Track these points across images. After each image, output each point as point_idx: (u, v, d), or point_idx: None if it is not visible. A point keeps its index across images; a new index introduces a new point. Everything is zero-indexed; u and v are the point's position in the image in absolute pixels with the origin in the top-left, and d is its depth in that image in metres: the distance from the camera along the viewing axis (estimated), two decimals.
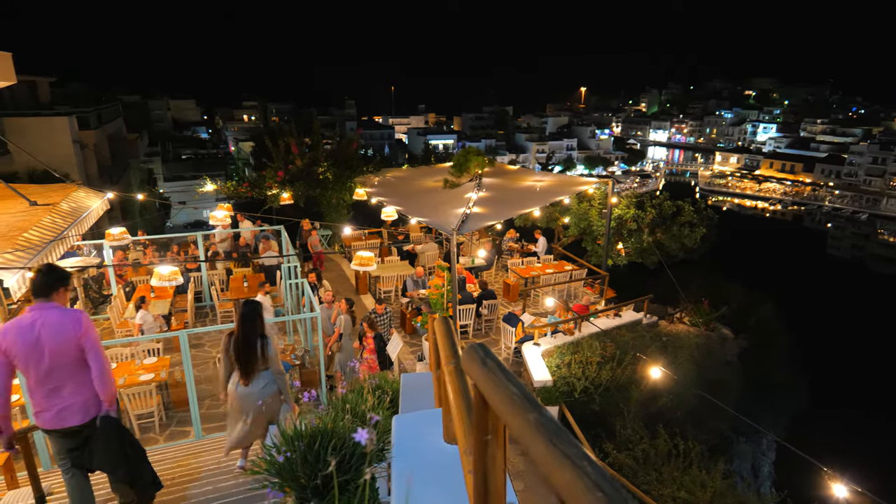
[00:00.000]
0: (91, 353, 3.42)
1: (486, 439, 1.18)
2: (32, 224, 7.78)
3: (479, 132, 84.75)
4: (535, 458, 0.91)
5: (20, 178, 16.95)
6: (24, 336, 3.30)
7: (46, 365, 3.34)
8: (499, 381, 1.07)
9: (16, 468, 6.12)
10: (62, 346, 3.34)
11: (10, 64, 9.34)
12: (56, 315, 3.36)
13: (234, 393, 4.18)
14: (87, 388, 3.47)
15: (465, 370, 1.23)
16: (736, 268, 24.21)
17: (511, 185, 12.11)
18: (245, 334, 4.09)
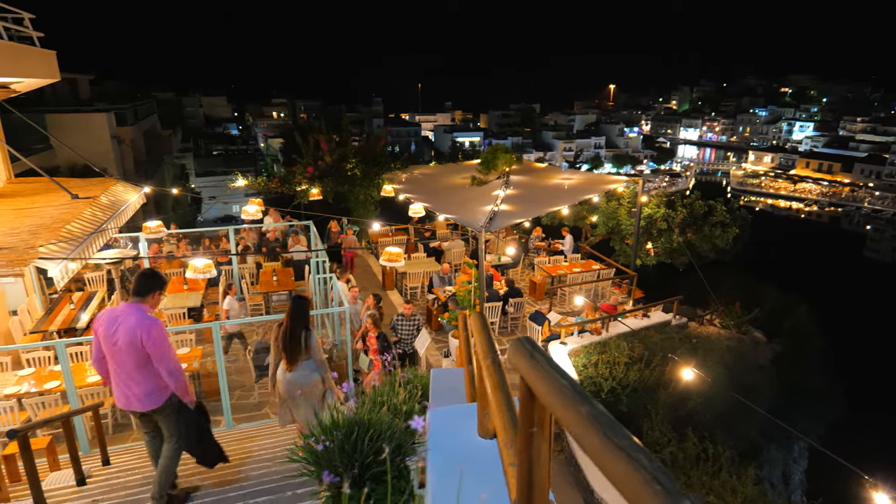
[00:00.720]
0: (156, 360, 3.77)
1: (531, 432, 1.18)
2: (74, 216, 8.05)
3: (506, 130, 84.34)
4: (588, 450, 0.90)
5: (61, 172, 17.56)
6: (107, 326, 3.75)
7: (118, 356, 3.75)
8: (548, 374, 1.07)
9: (58, 451, 6.36)
10: (130, 346, 3.71)
11: (55, 62, 9.68)
12: (135, 319, 3.72)
13: (281, 378, 4.63)
14: (149, 382, 3.83)
15: (512, 363, 1.23)
16: (769, 270, 23.60)
17: (539, 183, 12.04)
18: (292, 326, 4.54)
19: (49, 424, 6.22)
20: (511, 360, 1.22)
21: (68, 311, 9.89)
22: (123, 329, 3.68)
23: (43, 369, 7.87)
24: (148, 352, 3.72)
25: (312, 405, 4.66)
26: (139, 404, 3.84)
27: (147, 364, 3.77)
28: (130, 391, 3.82)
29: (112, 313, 3.78)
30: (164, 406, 3.90)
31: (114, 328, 3.71)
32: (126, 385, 3.81)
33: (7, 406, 6.75)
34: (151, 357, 3.74)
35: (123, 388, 3.83)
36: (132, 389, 3.81)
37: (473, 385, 3.20)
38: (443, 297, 10.93)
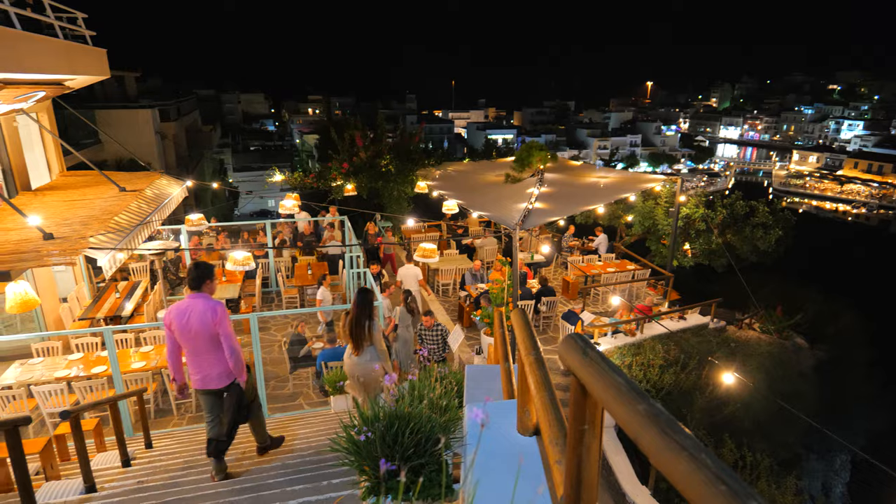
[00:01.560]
0: (223, 338, 4.25)
1: (582, 429, 1.17)
2: (122, 209, 8.35)
3: (539, 127, 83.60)
4: (647, 449, 0.89)
5: (109, 165, 18.23)
6: (179, 318, 4.21)
7: (194, 342, 4.23)
8: (602, 371, 1.06)
9: (104, 433, 6.63)
10: (203, 329, 4.17)
11: (105, 60, 10.05)
12: (202, 304, 4.20)
13: (347, 361, 5.15)
14: (222, 363, 4.33)
15: (563, 360, 1.22)
16: (813, 274, 22.76)
17: (574, 181, 11.90)
18: (357, 315, 5.02)
19: (96, 407, 6.48)
20: (563, 357, 1.21)
21: (114, 300, 10.27)
22: (195, 316, 4.15)
23: (90, 354, 8.20)
24: (217, 331, 4.18)
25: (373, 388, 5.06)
26: (216, 382, 4.35)
27: (219, 346, 4.25)
28: (208, 372, 4.32)
29: (180, 306, 4.22)
30: (232, 384, 4.44)
31: (185, 318, 4.17)
32: (204, 367, 4.31)
33: (58, 388, 7.05)
34: (220, 336, 4.20)
35: (202, 370, 4.33)
36: (209, 371, 4.31)
37: (510, 382, 3.19)
38: (474, 294, 10.92)
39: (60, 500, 4.34)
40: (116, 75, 25.27)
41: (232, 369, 4.35)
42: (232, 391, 4.43)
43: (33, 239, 6.63)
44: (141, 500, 4.15)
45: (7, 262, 6.04)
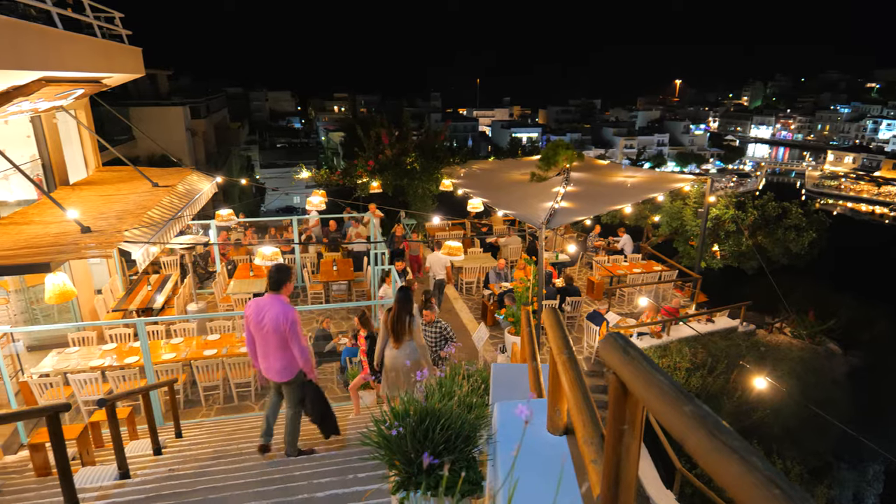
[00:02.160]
0: (292, 341, 4.61)
1: (622, 429, 1.16)
2: (154, 203, 8.56)
3: (565, 126, 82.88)
4: (693, 450, 0.88)
5: (141, 161, 18.69)
6: (257, 313, 4.60)
7: (264, 338, 4.60)
8: (646, 371, 1.05)
9: (137, 422, 6.81)
10: (275, 329, 4.54)
11: (141, 59, 10.29)
12: (278, 306, 4.55)
13: (388, 355, 5.45)
14: (286, 359, 4.68)
15: (604, 359, 1.21)
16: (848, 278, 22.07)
17: (600, 181, 11.76)
18: (399, 311, 5.34)
19: (129, 396, 6.66)
20: (604, 356, 1.20)
21: (146, 293, 10.54)
22: (269, 316, 4.52)
23: (123, 345, 8.43)
24: (287, 334, 4.55)
25: (410, 382, 5.21)
26: (277, 376, 4.73)
27: (286, 344, 4.61)
28: (272, 365, 4.69)
29: (259, 303, 4.62)
30: (292, 380, 4.77)
31: (261, 315, 4.56)
32: (270, 360, 4.69)
33: (92, 377, 7.27)
34: (289, 339, 4.56)
35: (267, 363, 4.72)
36: (274, 364, 4.68)
37: (538, 380, 3.18)
38: (498, 293, 10.90)
39: (96, 484, 4.48)
40: (150, 73, 25.89)
41: (302, 367, 4.77)
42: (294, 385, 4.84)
43: (71, 232, 6.84)
44: (172, 487, 4.26)
45: (47, 254, 6.24)
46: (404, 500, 2.14)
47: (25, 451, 6.73)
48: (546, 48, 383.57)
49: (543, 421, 2.30)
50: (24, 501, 4.18)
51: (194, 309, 10.42)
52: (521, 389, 3.60)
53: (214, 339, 8.52)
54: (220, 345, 8.33)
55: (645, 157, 69.66)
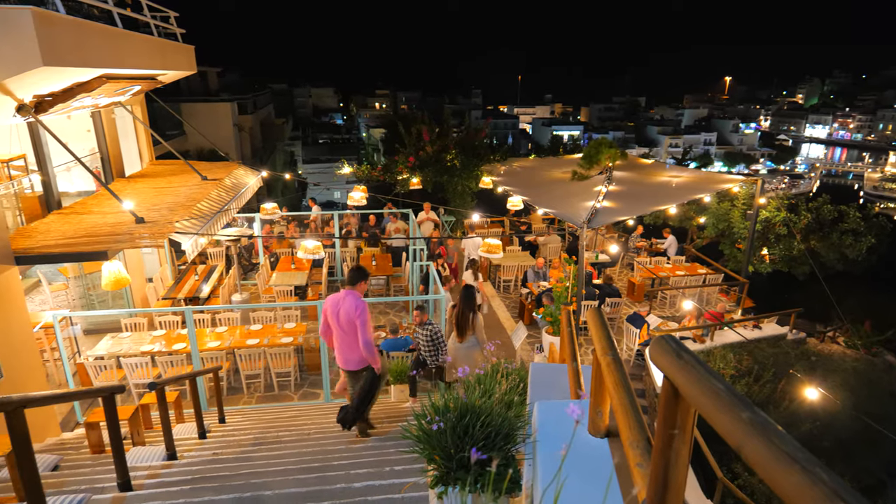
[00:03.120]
0: (359, 330, 4.94)
1: (671, 433, 1.14)
2: (203, 196, 8.85)
3: (607, 124, 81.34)
4: (752, 459, 0.85)
5: (191, 155, 19.37)
6: (334, 306, 5.02)
7: (340, 329, 5.00)
8: (701, 376, 1.02)
9: (183, 405, 7.08)
10: (348, 320, 4.92)
11: (193, 56, 10.65)
12: (351, 300, 4.96)
13: (453, 347, 5.93)
14: (360, 351, 5.03)
15: (655, 362, 1.19)
16: None
17: (644, 180, 11.49)
18: (463, 308, 5.79)
19: (176, 381, 6.93)
20: (654, 359, 1.18)
21: (193, 282, 10.93)
22: (344, 309, 4.93)
23: (172, 332, 8.77)
24: (357, 324, 4.89)
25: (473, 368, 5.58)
26: (353, 366, 5.15)
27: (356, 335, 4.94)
28: (348, 356, 5.11)
29: (336, 297, 5.04)
30: (366, 368, 5.17)
31: (338, 308, 4.97)
32: (345, 351, 5.10)
33: (143, 362, 7.60)
34: (357, 329, 4.91)
35: (344, 353, 5.13)
36: (350, 355, 5.09)
37: (578, 381, 3.14)
38: (536, 292, 10.80)
39: (146, 464, 4.69)
40: (200, 70, 26.79)
41: (365, 356, 5.07)
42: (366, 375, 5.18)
43: (127, 222, 7.16)
44: (217, 470, 4.41)
45: (105, 242, 6.56)
46: (442, 495, 2.15)
47: (81, 428, 7.10)
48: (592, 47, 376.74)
49: (584, 422, 2.27)
50: (80, 476, 4.40)
51: (238, 299, 10.74)
52: (559, 390, 3.56)
53: (257, 329, 8.76)
54: (262, 335, 8.56)
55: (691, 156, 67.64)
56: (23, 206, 7.89)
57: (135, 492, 3.81)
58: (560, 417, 2.35)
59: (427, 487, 3.38)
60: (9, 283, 6.09)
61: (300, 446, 5.17)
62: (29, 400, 2.72)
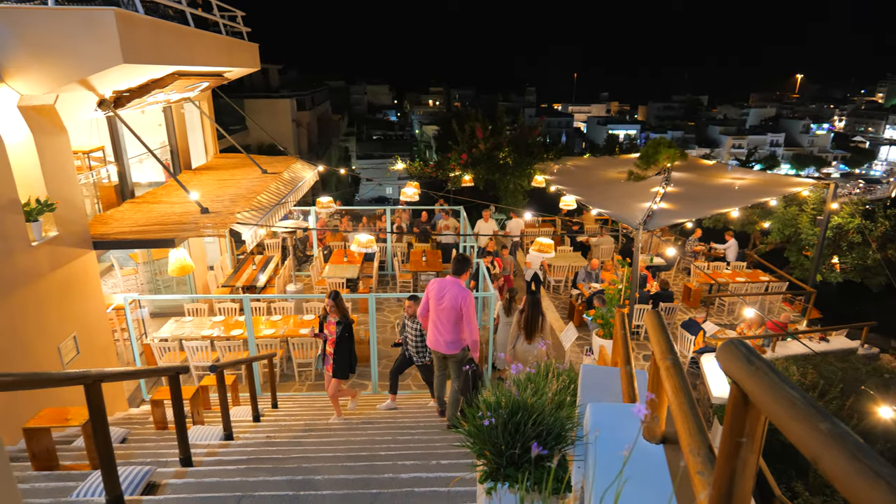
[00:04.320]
0: (465, 319, 5.23)
1: (739, 441, 1.10)
2: (263, 189, 9.18)
3: (666, 123, 78.66)
4: (829, 472, 0.81)
5: (252, 149, 20.09)
6: (438, 291, 5.27)
7: (441, 313, 5.26)
8: (774, 383, 0.98)
9: (239, 389, 7.39)
10: (452, 307, 5.19)
11: (257, 54, 11.04)
12: (457, 288, 5.23)
13: (519, 348, 6.16)
14: (454, 335, 5.30)
15: (723, 367, 1.15)
16: None
17: (704, 182, 11.07)
18: (532, 313, 6.09)
19: (234, 365, 7.23)
20: (723, 364, 1.14)
21: (251, 271, 11.36)
22: (449, 295, 5.18)
23: (230, 318, 9.15)
24: (462, 312, 5.19)
25: None
26: (445, 348, 5.36)
27: (458, 322, 5.24)
28: (442, 338, 5.33)
29: (441, 283, 5.30)
30: (457, 354, 5.39)
31: (442, 293, 5.23)
32: (440, 333, 5.33)
33: (203, 345, 7.98)
34: (464, 316, 5.20)
35: (438, 336, 5.36)
36: (443, 337, 5.32)
37: (632, 385, 3.07)
38: (587, 294, 10.61)
39: (205, 442, 4.92)
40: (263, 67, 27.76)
41: (469, 344, 5.33)
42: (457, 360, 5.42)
43: (192, 212, 7.52)
44: (270, 452, 4.58)
45: (172, 231, 6.92)
46: (491, 491, 2.15)
47: (146, 405, 7.53)
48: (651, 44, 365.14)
49: (638, 427, 2.22)
50: (146, 449, 4.68)
51: (293, 289, 11.09)
52: (611, 393, 3.49)
53: (309, 319, 9.01)
54: (315, 324, 8.79)
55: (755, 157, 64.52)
56: (100, 195, 8.43)
57: (195, 467, 4.01)
58: (614, 420, 2.31)
59: (474, 483, 3.40)
60: (87, 266, 6.52)
61: (348, 435, 5.29)
62: (105, 375, 2.92)
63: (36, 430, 4.02)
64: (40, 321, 5.58)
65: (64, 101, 6.08)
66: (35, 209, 5.48)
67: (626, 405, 2.58)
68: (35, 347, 5.51)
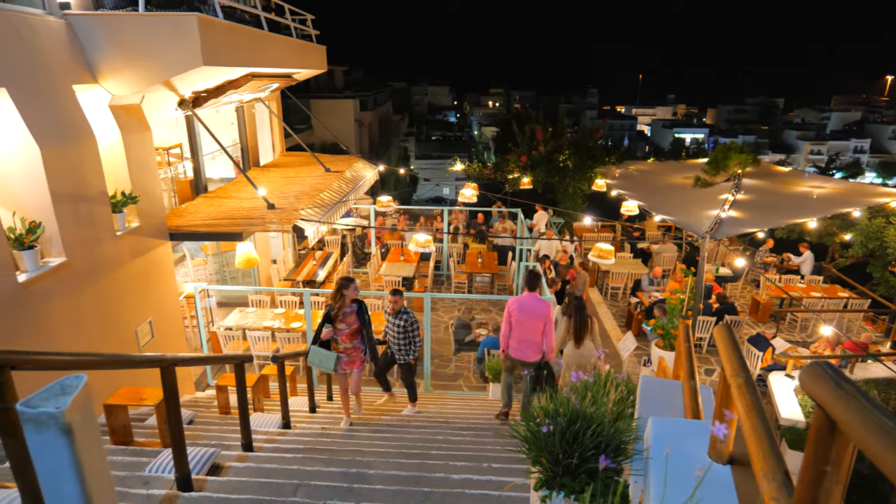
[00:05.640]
0: (546, 328, 5.71)
1: (823, 469, 1.03)
2: (326, 187, 9.45)
3: (737, 126, 74.97)
4: None
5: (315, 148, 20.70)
6: (520, 307, 5.73)
7: (526, 324, 5.72)
8: (864, 408, 0.91)
9: (298, 380, 7.64)
10: (533, 319, 5.68)
11: (325, 56, 11.38)
12: (535, 301, 5.73)
13: (570, 352, 6.38)
14: (539, 343, 5.77)
15: (807, 389, 1.08)
16: None
17: (778, 189, 10.46)
18: (581, 318, 6.28)
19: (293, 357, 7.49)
20: (808, 387, 1.07)
21: (311, 266, 11.72)
22: (531, 307, 5.69)
23: (290, 311, 9.47)
24: (544, 321, 5.67)
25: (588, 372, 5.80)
26: (532, 356, 5.82)
27: (539, 332, 5.71)
28: (530, 349, 5.78)
29: (520, 300, 5.76)
30: (539, 360, 5.88)
31: (524, 309, 5.69)
32: (528, 345, 5.78)
33: (264, 336, 8.30)
34: (545, 324, 5.67)
35: (525, 347, 5.80)
36: (531, 347, 5.78)
37: (695, 401, 2.95)
38: (647, 302, 10.28)
39: (264, 429, 5.13)
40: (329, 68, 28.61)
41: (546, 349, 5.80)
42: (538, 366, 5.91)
43: (260, 207, 7.85)
44: (325, 444, 4.71)
45: (241, 225, 7.25)
46: (546, 499, 2.12)
47: (211, 390, 7.93)
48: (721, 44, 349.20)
49: (704, 445, 2.12)
50: (210, 432, 4.92)
51: None
52: (673, 407, 3.36)
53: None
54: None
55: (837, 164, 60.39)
56: (176, 189, 8.95)
57: (255, 453, 4.18)
58: (677, 436, 2.22)
59: (527, 489, 3.36)
60: (163, 256, 6.93)
61: (401, 432, 5.36)
62: (180, 360, 3.10)
63: (115, 406, 4.32)
64: (121, 305, 5.98)
65: (148, 100, 6.49)
66: (121, 201, 5.89)
67: (691, 421, 2.48)
68: (116, 329, 5.91)
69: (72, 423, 1.24)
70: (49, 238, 4.91)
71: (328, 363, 5.40)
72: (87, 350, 5.14)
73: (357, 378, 5.77)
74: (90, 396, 1.36)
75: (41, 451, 1.26)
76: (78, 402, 1.27)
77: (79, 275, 5.21)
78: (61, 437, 1.22)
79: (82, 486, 1.28)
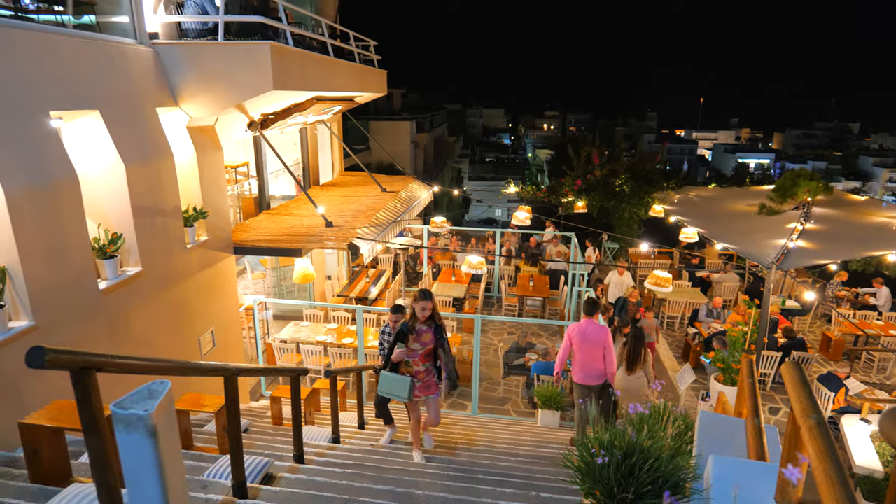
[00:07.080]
0: (606, 350, 5.90)
1: None
2: (382, 207, 9.67)
3: (805, 152, 71.40)
4: None
5: (372, 168, 21.27)
6: (580, 333, 5.96)
7: (587, 351, 5.93)
8: None
9: (348, 395, 7.76)
10: (593, 344, 5.89)
11: (385, 80, 11.74)
12: (594, 328, 5.94)
13: (622, 378, 6.38)
14: (601, 368, 5.95)
15: (889, 437, 1.03)
16: None
17: (852, 219, 9.86)
18: (635, 347, 6.32)
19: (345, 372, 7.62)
20: (888, 433, 1.02)
21: (364, 284, 11.96)
22: (588, 334, 5.90)
23: (343, 326, 9.67)
24: (603, 348, 5.87)
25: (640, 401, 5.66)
26: (596, 380, 6.01)
27: (600, 356, 5.90)
28: (593, 372, 5.98)
29: (580, 326, 5.99)
30: (604, 383, 6.02)
31: (584, 334, 5.91)
32: (591, 369, 5.98)
33: (317, 350, 8.50)
34: (605, 349, 5.87)
35: (586, 370, 6.00)
36: (594, 371, 5.97)
37: (760, 441, 2.81)
38: (706, 334, 9.86)
39: (315, 442, 5.23)
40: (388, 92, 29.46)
41: (608, 375, 5.97)
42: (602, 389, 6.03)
43: (318, 225, 8.12)
44: (373, 460, 4.76)
45: (300, 241, 7.52)
46: None
47: (265, 400, 8.17)
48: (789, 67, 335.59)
49: (769, 489, 2.02)
50: (264, 441, 5.07)
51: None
52: (734, 446, 3.20)
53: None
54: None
55: None
56: (242, 205, 9.40)
57: (306, 465, 4.27)
58: (740, 477, 2.12)
59: None
60: (227, 269, 7.27)
61: (448, 453, 5.34)
62: (243, 370, 3.23)
63: (178, 411, 4.53)
64: (187, 314, 6.31)
65: (221, 122, 6.90)
66: (192, 216, 6.25)
67: (757, 463, 2.37)
68: (181, 337, 6.23)
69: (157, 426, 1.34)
70: (128, 249, 5.27)
71: (401, 390, 4.73)
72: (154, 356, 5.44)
73: (435, 405, 5.12)
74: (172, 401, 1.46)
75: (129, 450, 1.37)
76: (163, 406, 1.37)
77: (151, 284, 5.54)
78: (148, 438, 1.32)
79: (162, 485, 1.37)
